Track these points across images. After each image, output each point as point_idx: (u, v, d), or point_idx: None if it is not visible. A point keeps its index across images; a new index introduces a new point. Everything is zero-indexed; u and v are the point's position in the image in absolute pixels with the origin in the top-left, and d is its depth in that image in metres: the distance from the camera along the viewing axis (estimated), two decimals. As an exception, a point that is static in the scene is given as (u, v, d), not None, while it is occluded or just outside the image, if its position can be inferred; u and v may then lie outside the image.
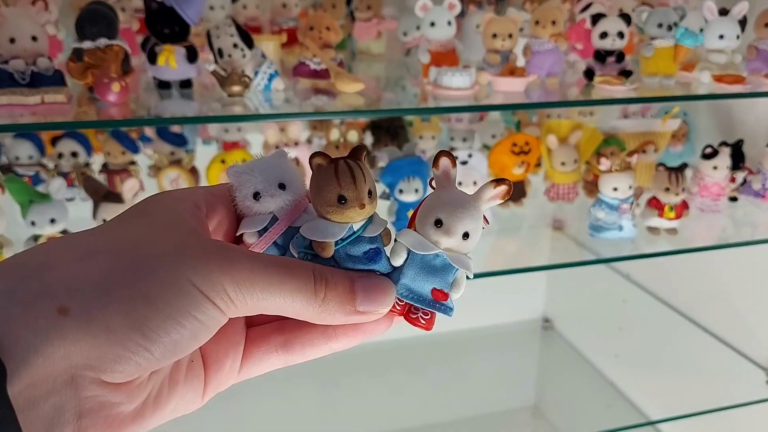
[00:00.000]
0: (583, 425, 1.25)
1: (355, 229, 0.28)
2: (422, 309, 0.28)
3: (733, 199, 1.04)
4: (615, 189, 0.90)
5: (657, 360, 1.35)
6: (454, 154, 0.86)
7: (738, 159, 1.03)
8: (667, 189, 0.91)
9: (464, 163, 0.89)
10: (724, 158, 0.98)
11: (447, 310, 0.29)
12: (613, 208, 0.91)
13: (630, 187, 0.90)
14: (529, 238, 1.06)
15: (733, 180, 1.02)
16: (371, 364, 1.48)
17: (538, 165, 1.00)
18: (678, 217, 0.93)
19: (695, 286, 1.25)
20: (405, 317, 0.29)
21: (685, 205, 0.94)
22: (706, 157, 0.97)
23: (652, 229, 0.95)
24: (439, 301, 0.28)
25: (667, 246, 0.94)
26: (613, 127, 1.02)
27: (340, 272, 0.26)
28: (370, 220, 0.28)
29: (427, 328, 0.29)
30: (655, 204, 0.93)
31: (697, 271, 1.24)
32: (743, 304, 1.16)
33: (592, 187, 0.99)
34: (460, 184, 0.87)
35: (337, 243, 0.27)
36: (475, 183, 0.89)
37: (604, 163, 0.90)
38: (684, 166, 0.94)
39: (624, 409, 1.39)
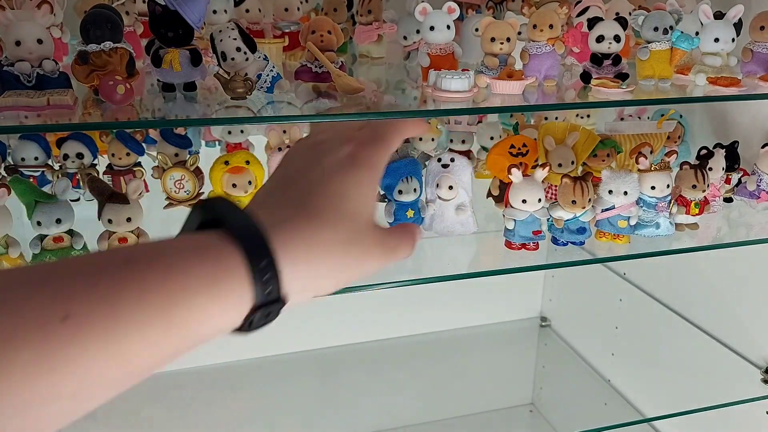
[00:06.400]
0: (580, 423, 1.26)
1: None
2: None
3: (728, 200, 1.05)
4: (653, 188, 0.92)
5: (653, 358, 1.36)
6: (441, 157, 0.88)
7: (733, 160, 1.04)
8: (694, 186, 0.93)
9: (445, 166, 0.90)
10: (720, 159, 0.99)
11: None
12: (651, 206, 0.93)
13: (668, 186, 0.92)
14: (526, 238, 1.06)
15: (728, 181, 1.03)
16: (370, 361, 1.50)
17: (536, 166, 1.01)
18: (701, 212, 0.95)
19: (691, 285, 1.27)
20: None
21: (706, 200, 0.96)
22: (702, 158, 0.99)
23: (678, 226, 0.96)
24: None
25: (679, 244, 0.96)
26: (610, 129, 1.03)
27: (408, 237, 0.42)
28: None
29: None
30: (681, 201, 0.95)
31: (693, 270, 1.25)
32: (739, 303, 1.17)
33: (588, 188, 1.00)
34: (453, 188, 0.88)
35: None
36: (450, 188, 0.90)
37: (643, 163, 0.91)
38: (705, 160, 0.95)
39: (620, 407, 1.41)
